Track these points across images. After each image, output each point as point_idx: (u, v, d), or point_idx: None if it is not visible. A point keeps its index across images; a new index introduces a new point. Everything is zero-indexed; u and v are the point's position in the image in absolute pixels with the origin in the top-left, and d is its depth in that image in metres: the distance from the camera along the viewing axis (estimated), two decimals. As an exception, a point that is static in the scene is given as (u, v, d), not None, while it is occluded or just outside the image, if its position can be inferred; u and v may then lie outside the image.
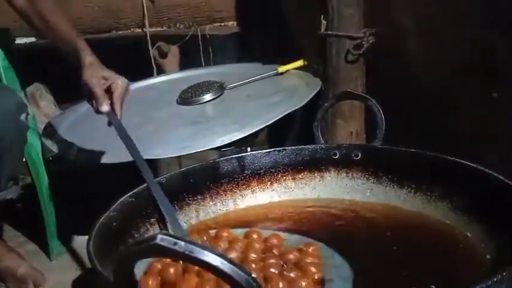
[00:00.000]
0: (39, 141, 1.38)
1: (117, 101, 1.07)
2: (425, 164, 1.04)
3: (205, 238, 0.95)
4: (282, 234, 0.96)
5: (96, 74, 1.09)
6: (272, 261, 0.85)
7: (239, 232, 0.97)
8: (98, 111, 1.08)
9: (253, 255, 0.88)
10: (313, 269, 0.83)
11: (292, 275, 0.82)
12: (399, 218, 1.02)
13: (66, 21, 1.22)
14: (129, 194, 1.00)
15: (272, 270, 0.83)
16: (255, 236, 0.95)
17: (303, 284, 0.80)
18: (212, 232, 0.97)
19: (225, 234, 0.95)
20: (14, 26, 1.64)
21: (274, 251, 0.90)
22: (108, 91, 1.08)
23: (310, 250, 0.89)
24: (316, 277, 0.82)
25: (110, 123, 1.09)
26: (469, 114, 1.29)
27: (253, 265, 0.85)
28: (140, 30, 2.08)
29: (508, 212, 0.85)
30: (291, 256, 0.87)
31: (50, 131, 1.51)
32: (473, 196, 0.95)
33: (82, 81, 1.10)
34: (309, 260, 0.86)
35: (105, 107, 1.06)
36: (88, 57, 1.12)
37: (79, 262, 1.29)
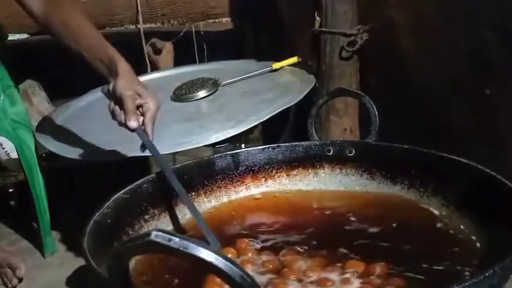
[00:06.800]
0: (32, 138, 1.37)
1: (149, 122, 1.04)
2: (419, 160, 1.04)
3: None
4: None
5: (131, 87, 1.04)
6: None
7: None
8: (124, 125, 1.04)
9: None
10: None
11: None
12: (392, 211, 1.03)
13: (91, 26, 1.13)
14: (123, 191, 1.00)
15: None
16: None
17: None
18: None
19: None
20: (6, 22, 1.63)
21: None
22: (138, 108, 1.05)
23: None
24: None
25: (143, 147, 1.07)
26: (462, 111, 1.30)
27: None
28: (134, 26, 2.08)
29: (499, 206, 0.86)
30: None
31: (43, 128, 1.51)
32: (466, 191, 0.95)
33: (115, 91, 1.04)
34: None
35: (133, 123, 1.02)
36: (122, 65, 1.06)
37: (73, 259, 1.29)
